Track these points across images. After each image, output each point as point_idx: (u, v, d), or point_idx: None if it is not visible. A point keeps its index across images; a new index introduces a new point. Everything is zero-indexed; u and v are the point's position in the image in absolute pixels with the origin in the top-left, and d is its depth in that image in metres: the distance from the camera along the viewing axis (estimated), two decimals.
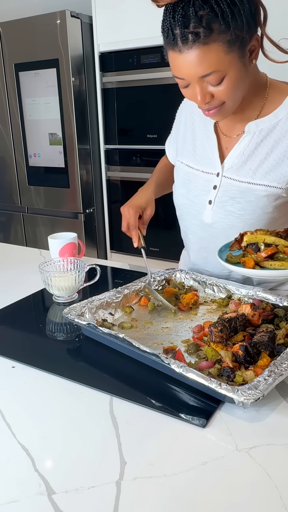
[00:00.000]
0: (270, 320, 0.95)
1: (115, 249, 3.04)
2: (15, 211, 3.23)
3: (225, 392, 0.72)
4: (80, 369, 0.89)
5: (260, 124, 1.04)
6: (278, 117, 1.02)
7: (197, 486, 0.62)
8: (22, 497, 0.61)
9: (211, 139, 1.13)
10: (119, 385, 0.85)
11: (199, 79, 0.92)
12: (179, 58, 0.90)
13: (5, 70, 2.88)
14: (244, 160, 1.06)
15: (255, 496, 0.60)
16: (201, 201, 1.14)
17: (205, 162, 1.13)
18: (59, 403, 0.80)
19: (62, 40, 2.60)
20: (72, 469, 0.66)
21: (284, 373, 0.76)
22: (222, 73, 0.90)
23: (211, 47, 0.87)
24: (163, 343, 0.94)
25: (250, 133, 1.05)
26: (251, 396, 0.71)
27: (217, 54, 0.88)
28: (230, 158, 1.09)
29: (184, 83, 0.95)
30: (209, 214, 1.12)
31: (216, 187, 1.10)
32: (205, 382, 0.74)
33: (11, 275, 1.41)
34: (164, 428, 0.73)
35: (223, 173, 1.09)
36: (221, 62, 0.89)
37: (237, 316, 0.92)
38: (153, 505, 0.60)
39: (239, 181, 1.07)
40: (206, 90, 0.94)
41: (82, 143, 2.82)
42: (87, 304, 1.03)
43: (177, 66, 0.93)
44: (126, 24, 2.53)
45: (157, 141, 2.61)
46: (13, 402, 0.81)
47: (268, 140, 1.03)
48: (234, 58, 0.90)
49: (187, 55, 0.89)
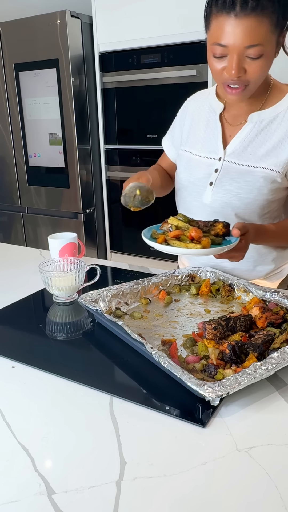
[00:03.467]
0: (278, 325, 0.95)
1: (115, 249, 3.04)
2: (15, 211, 3.23)
3: (192, 386, 0.74)
4: (80, 369, 0.89)
5: (262, 115, 1.14)
6: (278, 110, 1.13)
7: (197, 486, 0.62)
8: (22, 497, 0.61)
9: (216, 127, 1.21)
10: (119, 385, 0.85)
11: (241, 50, 0.95)
12: (232, 24, 0.93)
13: (5, 70, 2.88)
14: (245, 146, 1.16)
15: (255, 496, 0.60)
16: (202, 183, 1.22)
17: (208, 148, 1.22)
18: (59, 403, 0.80)
19: (62, 40, 2.60)
20: (72, 469, 0.66)
21: (258, 375, 0.76)
22: (263, 49, 0.95)
23: (264, 21, 0.93)
24: (164, 335, 0.96)
25: (252, 122, 1.15)
26: (215, 392, 0.72)
27: (267, 29, 0.94)
28: (232, 144, 1.17)
29: (223, 52, 0.97)
30: (209, 194, 1.20)
31: (218, 170, 1.19)
32: (177, 373, 0.76)
33: (11, 275, 1.41)
34: (164, 428, 0.73)
35: (225, 157, 1.18)
36: (267, 38, 0.95)
37: (239, 316, 0.92)
38: (153, 505, 0.60)
39: (239, 164, 1.16)
40: (242, 64, 0.97)
41: (82, 143, 2.82)
42: (103, 291, 1.08)
43: (226, 32, 0.94)
44: (126, 24, 2.53)
45: (157, 141, 2.60)
46: (13, 402, 0.81)
47: (268, 129, 1.14)
48: (273, 40, 0.97)
49: (242, 21, 0.92)
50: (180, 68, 2.44)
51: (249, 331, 0.92)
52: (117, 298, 1.10)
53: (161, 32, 2.45)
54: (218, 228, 1.05)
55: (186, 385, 0.76)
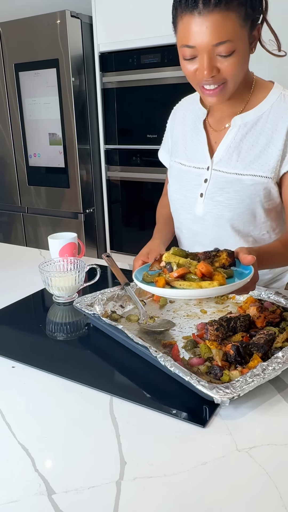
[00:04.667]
0: (276, 324, 0.95)
1: (115, 249, 3.04)
2: (15, 211, 3.23)
3: (202, 389, 0.73)
4: (80, 369, 0.89)
5: (245, 117, 1.09)
6: (262, 110, 1.07)
7: (197, 486, 0.62)
8: (22, 497, 0.61)
9: (200, 135, 1.17)
10: (119, 385, 0.85)
11: (210, 48, 0.91)
12: (196, 22, 0.89)
13: (5, 70, 2.88)
14: (231, 152, 1.10)
15: (255, 496, 0.60)
16: (193, 195, 1.17)
17: (196, 158, 1.17)
18: (59, 403, 0.80)
19: (62, 40, 2.60)
20: (72, 469, 0.66)
21: (266, 376, 0.76)
22: (234, 45, 0.91)
23: (230, 16, 0.88)
24: (163, 338, 0.95)
25: (235, 126, 1.10)
26: (226, 395, 0.71)
27: (234, 24, 0.89)
28: (218, 151, 1.13)
29: (192, 53, 0.94)
30: (200, 206, 1.16)
31: (207, 180, 1.14)
32: (185, 377, 0.76)
33: (11, 275, 1.41)
34: (164, 428, 0.73)
35: (213, 166, 1.13)
36: (236, 33, 0.90)
37: (239, 316, 0.92)
38: (153, 505, 0.60)
39: (227, 173, 1.11)
40: (214, 63, 0.93)
41: (82, 143, 2.82)
42: (98, 295, 1.07)
43: (191, 32, 0.91)
44: (126, 24, 2.53)
45: (157, 141, 2.60)
46: (13, 402, 0.81)
47: (252, 132, 1.08)
48: (244, 35, 0.92)
49: (207, 18, 0.88)
50: (180, 68, 2.43)
51: (249, 331, 0.92)
52: (112, 301, 1.08)
53: (161, 32, 2.44)
54: (223, 258, 0.91)
55: (195, 389, 0.75)
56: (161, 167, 1.42)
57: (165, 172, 1.36)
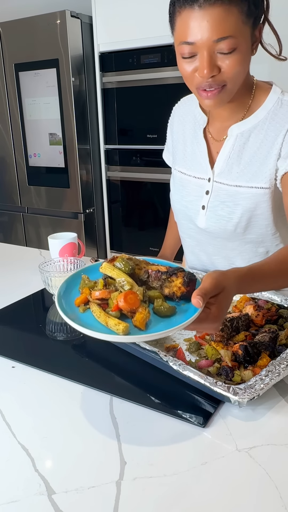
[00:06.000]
0: (274, 321, 0.95)
1: (115, 249, 3.04)
2: (15, 211, 3.23)
3: (220, 391, 0.73)
4: (80, 369, 0.89)
5: (242, 126, 1.03)
6: (258, 118, 1.02)
7: (197, 486, 0.62)
8: (22, 497, 0.61)
9: (201, 144, 1.12)
10: (119, 385, 0.85)
11: (211, 45, 0.85)
12: (196, 17, 0.84)
13: (5, 70, 2.88)
14: (231, 163, 1.05)
15: (255, 496, 0.60)
16: (195, 207, 1.13)
17: (197, 167, 1.13)
18: (59, 403, 0.80)
19: (62, 40, 2.59)
20: (72, 469, 0.66)
21: (282, 373, 0.76)
22: (236, 42, 0.85)
23: (233, 10, 0.83)
24: (165, 341, 0.94)
25: (232, 136, 1.05)
26: (246, 395, 0.71)
27: (236, 20, 0.84)
28: (218, 162, 1.07)
29: (191, 50, 0.88)
30: (203, 219, 1.12)
31: (209, 193, 1.09)
32: (201, 380, 0.75)
33: (11, 275, 1.41)
34: (164, 428, 0.73)
35: (214, 178, 1.08)
36: (238, 29, 0.85)
37: (240, 316, 0.92)
38: (153, 505, 0.60)
39: (228, 185, 1.06)
40: (214, 61, 0.87)
41: (82, 143, 2.82)
42: None
43: (191, 27, 0.85)
44: (126, 24, 2.53)
45: (157, 141, 2.61)
46: (13, 402, 0.81)
47: (250, 141, 1.03)
48: (247, 32, 0.87)
49: (208, 12, 0.83)
50: None
51: (249, 330, 0.92)
52: None
53: (161, 32, 2.44)
54: (175, 286, 0.73)
55: (212, 391, 0.74)
56: (161, 167, 1.42)
57: (165, 172, 1.36)
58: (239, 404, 0.72)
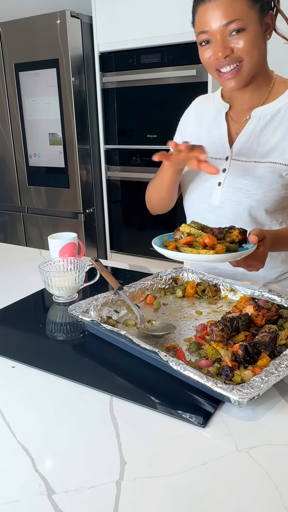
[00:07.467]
0: (274, 321, 0.95)
1: (115, 249, 3.04)
2: (15, 211, 3.23)
3: (220, 391, 0.73)
4: (80, 369, 0.89)
5: (265, 110, 1.15)
6: (280, 104, 1.14)
7: (197, 486, 0.62)
8: (22, 497, 0.61)
9: (221, 127, 1.22)
10: (119, 385, 0.85)
11: (222, 29, 1.01)
12: (209, 9, 1.01)
13: (5, 70, 2.88)
14: (251, 142, 1.16)
15: (255, 496, 0.60)
16: (210, 184, 1.20)
17: (215, 149, 1.21)
18: (59, 403, 0.80)
19: (62, 40, 2.60)
20: (72, 469, 0.66)
21: (281, 373, 0.76)
22: (243, 23, 1.00)
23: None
24: (165, 341, 0.94)
25: (256, 118, 1.16)
26: (246, 395, 0.71)
27: (242, 5, 1.00)
28: (238, 142, 1.18)
29: (207, 37, 1.04)
30: (218, 195, 1.19)
31: (226, 170, 1.18)
32: (201, 380, 0.75)
33: (11, 275, 1.41)
34: (164, 428, 0.73)
35: (232, 156, 1.18)
36: (244, 13, 1.00)
37: (240, 316, 0.92)
38: (153, 505, 0.60)
39: (246, 162, 1.16)
40: (227, 44, 1.02)
41: (82, 143, 2.82)
42: (92, 301, 1.04)
43: (204, 19, 1.02)
44: (126, 24, 2.53)
45: (157, 141, 2.61)
46: (13, 402, 0.81)
47: (271, 123, 1.14)
48: (254, 16, 1.01)
49: (217, 2, 1.00)
50: (180, 68, 2.45)
51: (249, 330, 0.92)
52: (107, 307, 1.06)
53: (161, 32, 2.45)
54: (234, 235, 1.01)
55: (212, 391, 0.74)
56: None
57: None
58: (239, 404, 0.72)
